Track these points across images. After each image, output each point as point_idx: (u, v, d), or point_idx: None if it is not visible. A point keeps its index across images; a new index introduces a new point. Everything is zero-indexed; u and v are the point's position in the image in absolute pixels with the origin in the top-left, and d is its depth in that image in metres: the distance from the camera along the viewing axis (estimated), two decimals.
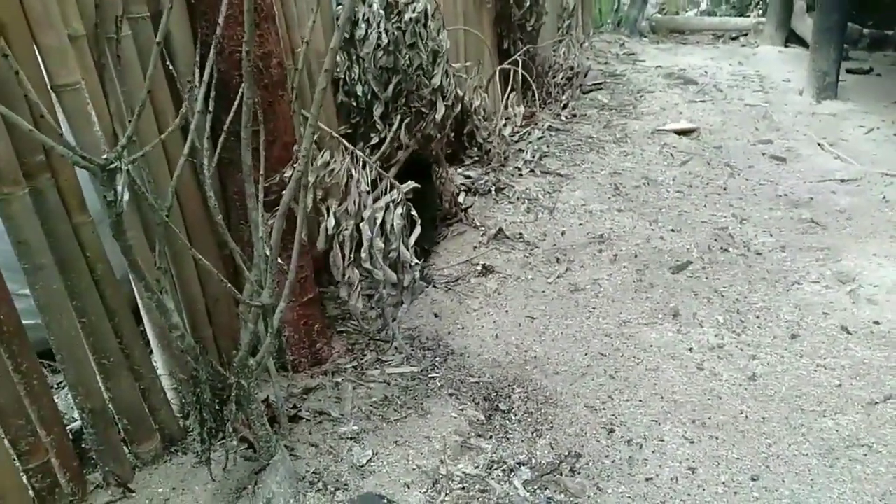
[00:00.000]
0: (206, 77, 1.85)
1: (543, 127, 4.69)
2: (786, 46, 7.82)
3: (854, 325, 2.65)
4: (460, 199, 3.56)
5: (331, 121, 3.03)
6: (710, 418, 2.21)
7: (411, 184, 2.81)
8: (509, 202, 3.64)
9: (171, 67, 1.98)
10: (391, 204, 2.11)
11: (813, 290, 2.93)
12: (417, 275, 2.19)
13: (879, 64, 7.29)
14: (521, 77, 4.40)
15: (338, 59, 3.03)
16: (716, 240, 3.32)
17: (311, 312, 2.50)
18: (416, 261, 2.16)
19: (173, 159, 2.08)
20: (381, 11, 2.96)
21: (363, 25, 2.97)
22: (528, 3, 4.83)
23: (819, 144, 4.68)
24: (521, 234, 3.34)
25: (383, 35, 2.95)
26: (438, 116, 2.99)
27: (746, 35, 8.69)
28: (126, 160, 1.36)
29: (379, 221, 2.08)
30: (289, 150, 2.33)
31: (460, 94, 3.66)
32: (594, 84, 5.78)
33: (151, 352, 2.18)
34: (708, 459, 2.04)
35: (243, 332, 1.87)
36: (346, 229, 2.09)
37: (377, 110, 3.01)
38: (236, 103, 2.05)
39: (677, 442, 2.11)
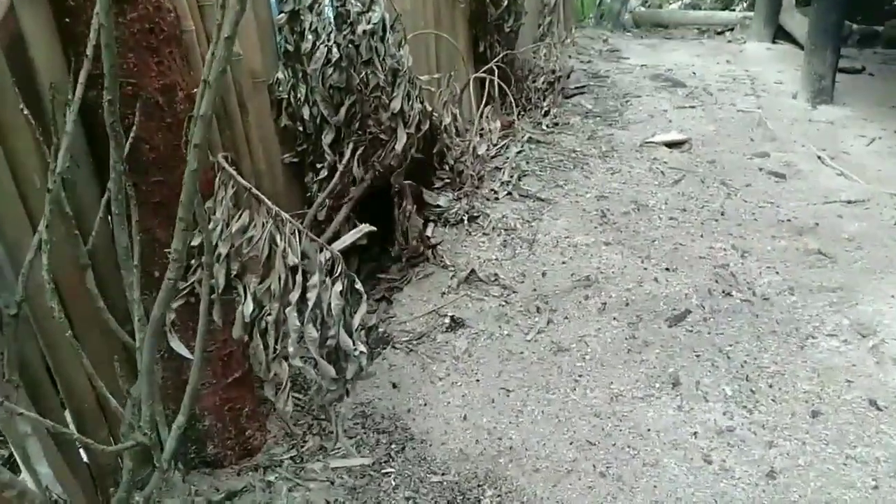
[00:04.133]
0: (72, 118, 1.34)
1: (523, 139, 4.20)
2: (773, 43, 7.37)
3: (884, 398, 2.21)
4: (428, 231, 3.07)
5: (271, 149, 2.52)
6: None
7: (365, 227, 2.33)
8: (483, 233, 3.15)
9: (26, 112, 1.46)
10: (327, 280, 1.63)
11: (830, 347, 2.48)
12: (364, 362, 1.71)
13: (870, 62, 6.86)
14: (498, 86, 3.89)
15: (280, 75, 2.51)
16: (716, 281, 2.86)
17: (239, 394, 2.01)
18: (362, 348, 1.68)
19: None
20: (332, 21, 2.44)
21: (310, 37, 2.45)
22: (505, 3, 4.31)
23: (819, 158, 4.23)
24: (496, 275, 2.86)
25: (334, 49, 2.43)
26: (399, 146, 2.48)
27: (732, 30, 8.22)
28: None
29: (312, 303, 1.60)
30: (203, 201, 1.82)
31: (429, 109, 3.16)
32: (577, 87, 5.28)
33: None
34: None
35: (125, 471, 1.38)
36: (270, 314, 1.61)
37: (326, 137, 2.51)
38: (126, 148, 1.55)
39: None
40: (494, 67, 3.83)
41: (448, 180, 3.44)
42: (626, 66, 6.36)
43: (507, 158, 3.90)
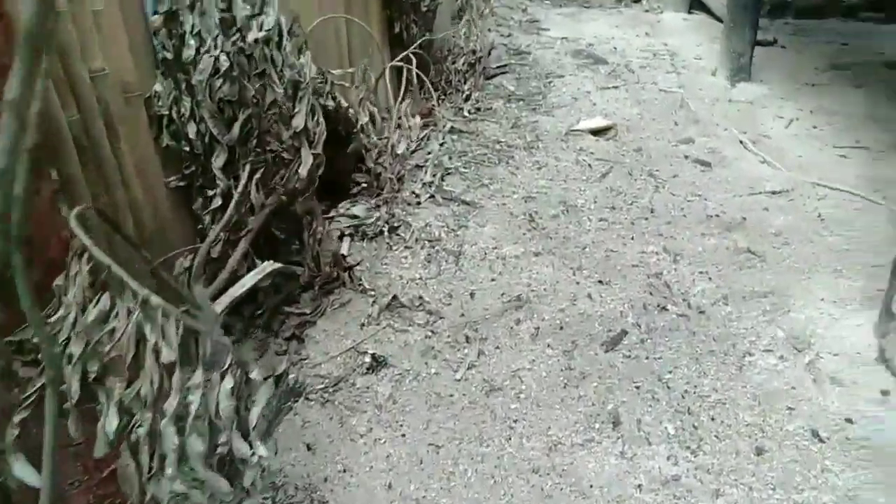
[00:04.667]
0: None
1: (444, 129, 3.88)
2: (689, 13, 7.26)
3: (825, 427, 2.09)
4: (344, 248, 2.74)
5: (152, 173, 2.11)
6: None
7: (269, 266, 2.00)
8: (406, 247, 2.85)
9: None
10: (214, 376, 1.30)
11: (768, 366, 2.35)
12: (267, 464, 1.41)
13: (781, 33, 6.85)
14: (420, 75, 3.53)
15: (159, 87, 2.09)
16: (651, 293, 2.68)
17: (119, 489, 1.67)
18: (262, 451, 1.38)
19: None
20: (217, 24, 2.03)
21: (192, 42, 2.04)
22: None
23: (742, 143, 4.12)
24: (420, 298, 2.57)
25: (222, 57, 2.03)
26: (303, 171, 2.12)
27: None
28: None
29: (195, 408, 1.28)
30: (56, 273, 1.44)
31: (344, 104, 2.80)
32: (498, 66, 4.97)
33: None
34: None
35: None
36: (142, 425, 1.28)
37: (218, 159, 2.12)
38: None
39: None
40: (411, 56, 3.46)
41: (365, 184, 3.10)
42: (547, 40, 6.08)
43: (429, 153, 3.57)
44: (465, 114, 4.20)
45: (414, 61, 3.45)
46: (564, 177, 3.52)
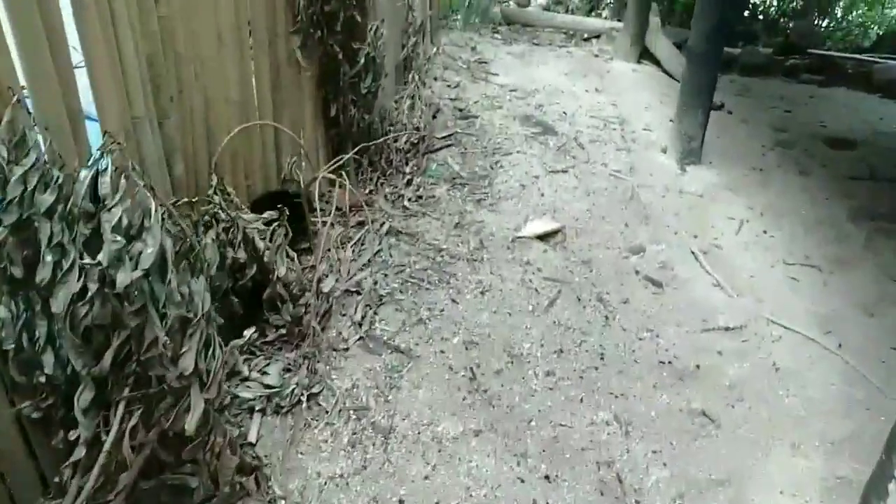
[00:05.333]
0: None
1: (381, 231, 3.41)
2: (639, 63, 7.00)
3: None
4: (252, 432, 2.26)
5: None
6: None
7: None
8: (327, 423, 2.40)
9: None
10: None
11: None
12: None
13: (728, 93, 6.69)
14: (352, 186, 3.04)
15: (2, 312, 1.56)
16: (602, 492, 2.35)
17: None
18: None
19: None
20: (80, 243, 1.51)
21: (50, 257, 1.51)
22: (361, 60, 3.42)
23: (693, 254, 3.84)
24: None
25: (91, 283, 1.52)
26: (192, 421, 1.64)
27: (599, 37, 7.75)
28: None
29: None
30: None
31: (260, 246, 2.32)
32: (443, 137, 4.50)
33: None
34: None
35: None
36: None
37: (83, 397, 1.61)
38: None
39: None
40: (351, 163, 2.97)
41: (284, 330, 2.62)
42: (495, 91, 5.65)
43: (362, 269, 3.11)
44: (406, 203, 3.74)
45: (353, 161, 2.96)
46: (509, 306, 3.13)
